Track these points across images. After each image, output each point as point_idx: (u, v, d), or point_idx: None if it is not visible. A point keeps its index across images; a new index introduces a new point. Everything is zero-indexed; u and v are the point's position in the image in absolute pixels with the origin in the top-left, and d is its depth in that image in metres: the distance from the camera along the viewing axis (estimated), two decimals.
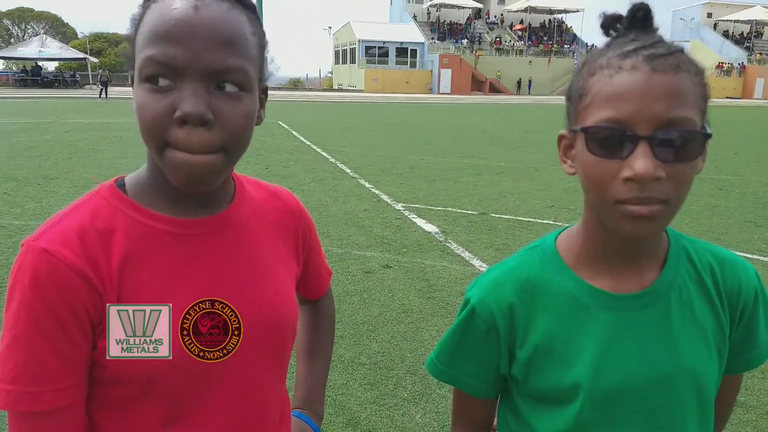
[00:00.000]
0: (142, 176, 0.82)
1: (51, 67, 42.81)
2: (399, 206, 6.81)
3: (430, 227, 5.90)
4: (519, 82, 51.72)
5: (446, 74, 49.06)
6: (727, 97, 50.46)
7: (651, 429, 0.82)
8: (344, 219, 6.16)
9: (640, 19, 0.76)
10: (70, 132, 13.73)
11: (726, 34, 59.73)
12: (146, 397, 0.77)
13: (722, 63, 55.11)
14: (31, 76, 40.02)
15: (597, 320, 0.82)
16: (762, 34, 61.33)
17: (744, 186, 8.63)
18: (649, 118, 0.70)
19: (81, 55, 42.40)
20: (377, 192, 7.61)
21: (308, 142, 12.82)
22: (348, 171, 9.21)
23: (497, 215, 6.50)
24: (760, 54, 56.82)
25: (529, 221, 6.28)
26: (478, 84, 50.82)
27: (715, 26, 60.22)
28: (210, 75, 0.70)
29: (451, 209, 6.72)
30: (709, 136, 0.74)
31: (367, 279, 4.41)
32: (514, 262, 0.89)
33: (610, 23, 0.79)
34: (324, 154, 11.14)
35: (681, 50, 0.74)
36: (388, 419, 2.66)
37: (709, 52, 57.05)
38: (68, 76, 41.32)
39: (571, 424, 0.83)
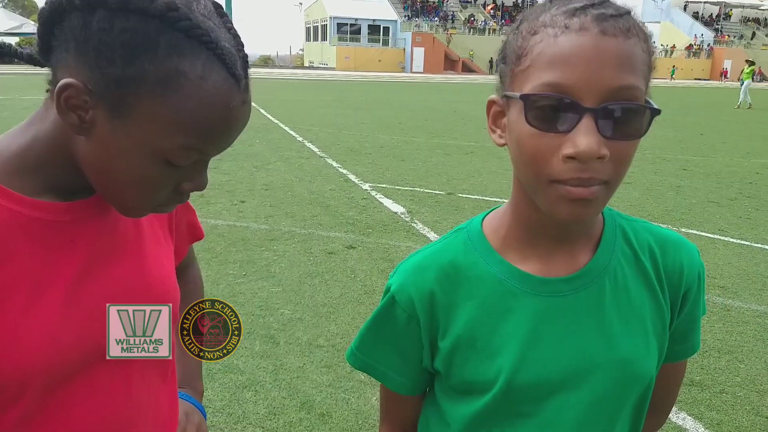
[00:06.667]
0: (9, 151, 0.69)
1: (10, 41, 41.27)
2: (366, 186, 6.72)
3: (396, 207, 5.83)
4: (491, 62, 51.60)
5: (419, 53, 48.69)
6: (695, 79, 51.23)
7: (579, 425, 0.75)
8: (309, 199, 6.05)
9: None
10: (28, 109, 13.17)
11: (696, 16, 60.46)
12: (16, 403, 0.67)
13: (692, 44, 55.83)
14: None
15: (524, 307, 0.74)
16: (731, 16, 62.28)
17: (708, 166, 8.75)
18: (597, 88, 0.62)
19: None
20: (344, 171, 7.50)
21: (276, 121, 12.60)
22: (315, 150, 9.06)
23: (464, 195, 6.46)
24: (728, 36, 57.74)
25: (496, 201, 6.25)
26: (451, 63, 50.61)
27: (685, 7, 60.88)
28: None
29: (418, 189, 6.65)
30: (658, 111, 0.66)
31: (330, 260, 4.33)
32: (438, 246, 0.81)
33: None
34: (292, 132, 10.95)
35: (629, 12, 0.66)
36: (344, 402, 2.60)
37: (680, 33, 57.72)
38: (27, 52, 39.76)
39: (478, 411, 0.76)
